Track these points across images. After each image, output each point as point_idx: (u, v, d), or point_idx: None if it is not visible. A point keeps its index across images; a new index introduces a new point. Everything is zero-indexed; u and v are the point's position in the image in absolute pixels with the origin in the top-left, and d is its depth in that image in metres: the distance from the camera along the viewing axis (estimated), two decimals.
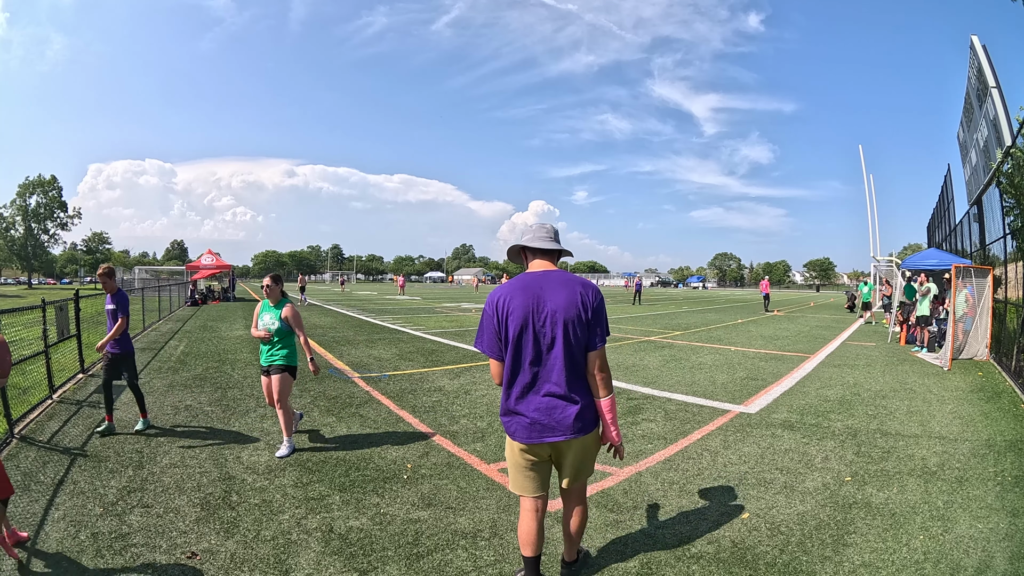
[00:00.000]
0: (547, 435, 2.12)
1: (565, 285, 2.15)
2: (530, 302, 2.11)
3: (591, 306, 2.13)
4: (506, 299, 2.14)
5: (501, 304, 2.15)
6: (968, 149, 15.73)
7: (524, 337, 2.11)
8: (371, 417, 5.08)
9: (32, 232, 56.45)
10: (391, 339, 11.15)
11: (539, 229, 2.28)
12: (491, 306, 2.18)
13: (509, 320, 2.12)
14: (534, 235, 2.28)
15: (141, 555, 2.58)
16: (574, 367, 2.12)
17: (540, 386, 2.12)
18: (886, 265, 19.84)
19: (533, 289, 2.14)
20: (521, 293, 2.14)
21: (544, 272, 2.21)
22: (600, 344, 2.15)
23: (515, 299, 2.13)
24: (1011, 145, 9.16)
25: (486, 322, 2.20)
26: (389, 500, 3.24)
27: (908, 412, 5.52)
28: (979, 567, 2.55)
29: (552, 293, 2.12)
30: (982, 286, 8.88)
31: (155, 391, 6.02)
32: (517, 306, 2.12)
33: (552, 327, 2.09)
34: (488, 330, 2.19)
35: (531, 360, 2.12)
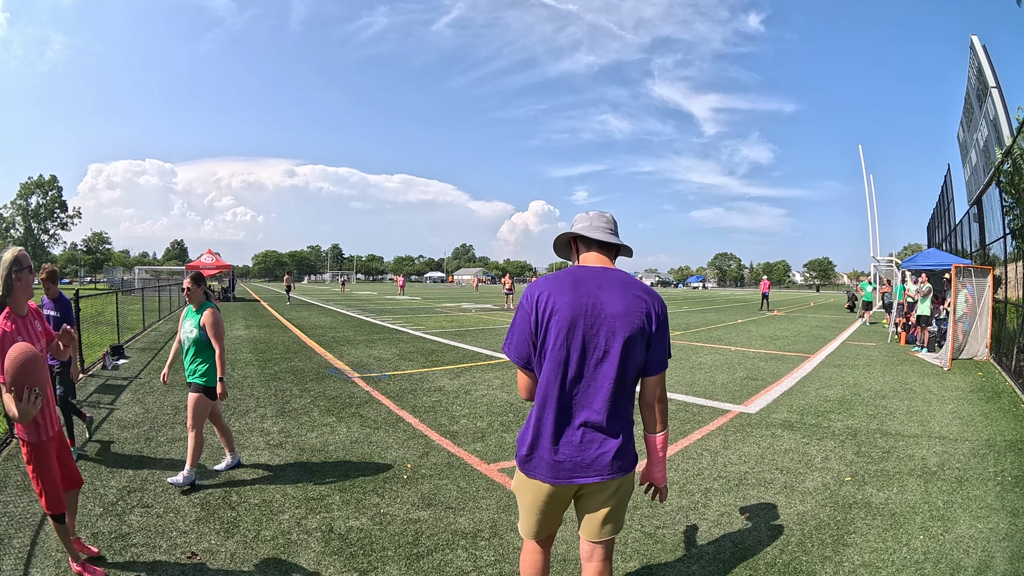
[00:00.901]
0: (578, 475, 1.67)
1: (626, 288, 1.70)
2: (583, 303, 1.66)
3: (656, 319, 1.70)
4: (550, 295, 1.68)
5: (543, 301, 1.68)
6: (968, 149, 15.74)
7: (570, 346, 1.65)
8: (371, 417, 5.08)
9: (32, 232, 56.49)
10: (391, 339, 11.16)
11: (598, 218, 1.83)
12: (529, 302, 1.72)
13: (552, 322, 1.66)
14: (591, 223, 1.82)
15: (141, 555, 2.58)
16: (622, 391, 1.68)
17: (578, 411, 1.68)
18: (886, 265, 19.84)
19: (588, 287, 1.68)
20: (572, 290, 1.67)
21: (603, 269, 1.75)
22: (662, 368, 1.74)
23: (563, 296, 1.66)
24: (1011, 145, 9.16)
25: (519, 321, 1.74)
26: (389, 500, 3.25)
27: (908, 412, 5.52)
28: (979, 567, 2.55)
29: (611, 296, 1.67)
30: (982, 286, 8.88)
31: (155, 391, 6.02)
32: (565, 305, 1.65)
33: (608, 338, 1.64)
34: (520, 331, 1.73)
35: (573, 376, 1.66)
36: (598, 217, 1.85)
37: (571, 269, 1.77)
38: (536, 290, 1.72)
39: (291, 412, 5.21)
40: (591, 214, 1.86)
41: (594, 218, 1.84)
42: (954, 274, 8.93)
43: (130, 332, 10.65)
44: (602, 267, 1.76)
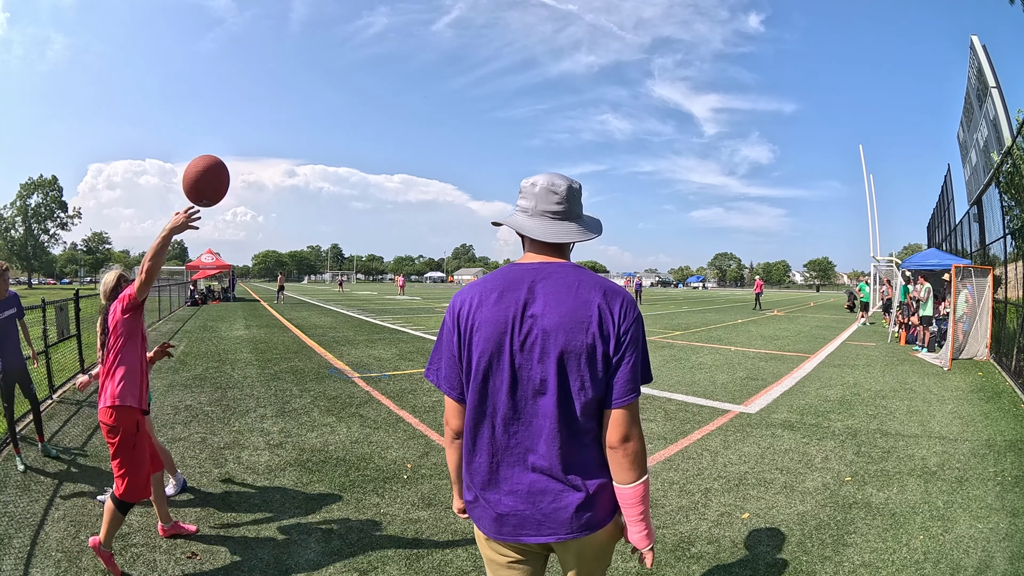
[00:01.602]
0: (528, 533, 1.25)
1: (573, 290, 1.23)
2: (509, 315, 1.23)
3: (617, 329, 1.21)
4: (472, 306, 1.28)
5: (466, 314, 1.28)
6: (968, 149, 15.73)
7: (494, 370, 1.24)
8: (371, 417, 5.08)
9: (32, 232, 56.51)
10: (391, 339, 11.15)
11: (545, 196, 1.30)
12: (451, 315, 1.32)
13: (474, 342, 1.26)
14: (535, 205, 1.31)
15: (142, 555, 2.58)
16: (574, 430, 1.23)
17: (519, 454, 1.25)
18: (886, 265, 19.86)
19: (518, 293, 1.25)
20: (498, 298, 1.26)
21: (541, 266, 1.29)
22: (629, 397, 1.22)
23: (486, 306, 1.26)
24: (1011, 145, 9.16)
25: (444, 339, 1.34)
26: (389, 500, 3.24)
27: (908, 412, 5.52)
28: (979, 567, 2.55)
29: (548, 302, 1.23)
30: (982, 286, 8.88)
31: (155, 391, 6.02)
32: (487, 320, 1.24)
33: (541, 359, 1.21)
34: (445, 351, 1.33)
35: (506, 411, 1.24)
36: (545, 194, 1.30)
37: (504, 269, 1.33)
38: (459, 299, 1.32)
39: (291, 412, 5.21)
40: (537, 186, 1.31)
41: (540, 196, 1.31)
42: (954, 274, 8.93)
43: None
44: (540, 263, 1.30)
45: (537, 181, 1.32)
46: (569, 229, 1.31)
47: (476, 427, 1.29)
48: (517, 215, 1.36)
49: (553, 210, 1.30)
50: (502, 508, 1.26)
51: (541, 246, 1.33)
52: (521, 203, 1.35)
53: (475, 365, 1.27)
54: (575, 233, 1.31)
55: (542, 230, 1.30)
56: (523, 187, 1.35)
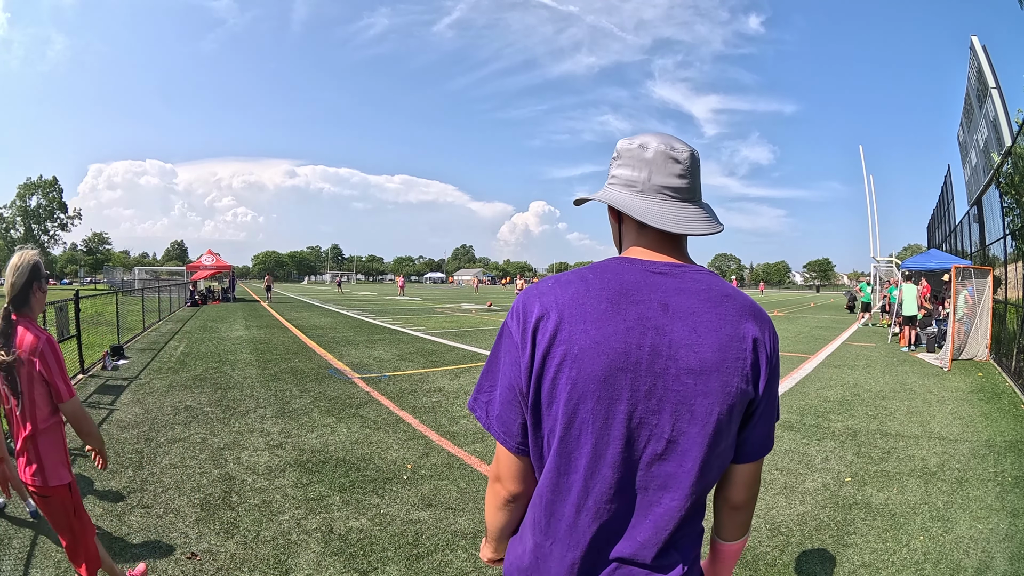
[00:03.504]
0: None
1: (722, 311, 0.85)
2: (632, 339, 0.81)
3: (769, 366, 0.86)
4: (564, 316, 0.83)
5: (551, 327, 0.83)
6: (968, 149, 15.74)
7: (595, 423, 0.82)
8: (371, 418, 5.08)
9: (32, 233, 56.48)
10: (391, 340, 11.16)
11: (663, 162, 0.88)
12: (520, 326, 0.87)
13: (562, 376, 0.82)
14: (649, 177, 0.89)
15: (141, 555, 2.57)
16: (694, 506, 0.89)
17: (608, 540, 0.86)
18: (886, 265, 19.87)
19: (644, 306, 0.84)
20: (610, 313, 0.83)
21: (673, 268, 0.88)
22: (769, 445, 0.94)
23: (589, 321, 0.82)
24: (1011, 146, 9.17)
25: (502, 360, 0.90)
26: (389, 501, 3.24)
27: (908, 413, 5.52)
28: (979, 568, 2.55)
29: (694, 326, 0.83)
30: (982, 287, 8.88)
31: (155, 391, 6.02)
32: (594, 343, 0.81)
33: (677, 411, 0.82)
34: (503, 380, 0.89)
35: (607, 485, 0.83)
36: (664, 162, 0.88)
37: (612, 267, 0.88)
38: (537, 304, 0.86)
39: (291, 412, 5.21)
40: (650, 150, 0.89)
41: (656, 163, 0.88)
42: (954, 275, 8.93)
43: (130, 333, 10.65)
44: (670, 265, 0.88)
45: (648, 143, 0.89)
46: (697, 216, 0.89)
47: (553, 498, 0.86)
48: (620, 191, 0.91)
49: (675, 185, 0.88)
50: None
51: (660, 239, 0.90)
52: (623, 173, 0.91)
53: (562, 410, 0.81)
54: (704, 222, 0.89)
55: (666, 216, 0.87)
56: (624, 151, 0.92)
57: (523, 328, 0.86)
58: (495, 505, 0.96)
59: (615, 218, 0.97)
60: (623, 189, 0.91)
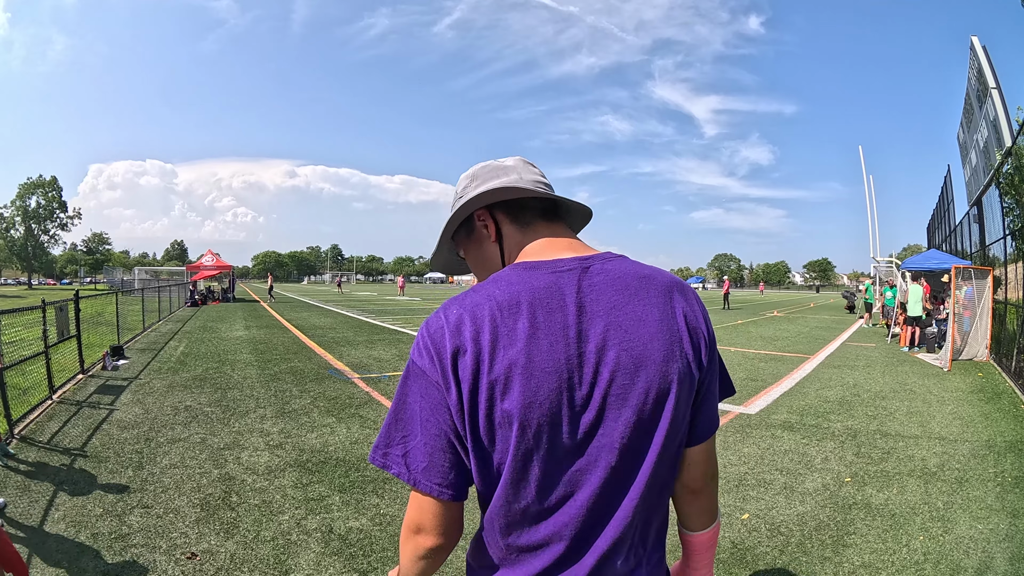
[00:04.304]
0: None
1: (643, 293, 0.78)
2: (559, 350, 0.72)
3: (708, 343, 0.81)
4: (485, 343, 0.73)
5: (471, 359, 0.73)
6: (968, 150, 15.74)
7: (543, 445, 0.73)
8: (371, 418, 5.08)
9: (32, 232, 56.49)
10: (391, 340, 11.15)
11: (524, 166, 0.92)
12: (437, 364, 0.74)
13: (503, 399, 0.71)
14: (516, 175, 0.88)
15: (141, 555, 2.57)
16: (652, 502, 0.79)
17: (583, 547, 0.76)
18: (886, 265, 19.86)
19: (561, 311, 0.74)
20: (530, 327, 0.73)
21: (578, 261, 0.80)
22: (717, 421, 0.88)
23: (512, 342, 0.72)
24: (1011, 146, 9.17)
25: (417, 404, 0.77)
26: (389, 501, 3.24)
27: (908, 413, 5.52)
28: (979, 568, 2.55)
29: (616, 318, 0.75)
30: (982, 287, 8.88)
31: (155, 391, 6.02)
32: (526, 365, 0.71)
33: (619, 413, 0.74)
34: (424, 426, 0.76)
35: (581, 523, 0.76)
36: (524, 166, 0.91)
37: (514, 275, 0.78)
38: (446, 337, 0.75)
39: (291, 413, 5.21)
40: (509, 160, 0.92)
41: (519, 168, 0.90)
42: (954, 275, 8.93)
43: (130, 333, 10.65)
44: (576, 259, 0.80)
45: (502, 160, 0.92)
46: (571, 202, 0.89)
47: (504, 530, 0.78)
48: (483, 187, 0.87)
49: (545, 181, 0.90)
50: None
51: (546, 230, 0.85)
52: (491, 185, 0.86)
53: (500, 435, 0.74)
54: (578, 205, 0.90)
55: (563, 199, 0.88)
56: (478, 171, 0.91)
57: (440, 366, 0.74)
58: (415, 556, 0.81)
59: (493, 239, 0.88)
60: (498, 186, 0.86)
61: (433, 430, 0.76)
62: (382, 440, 0.80)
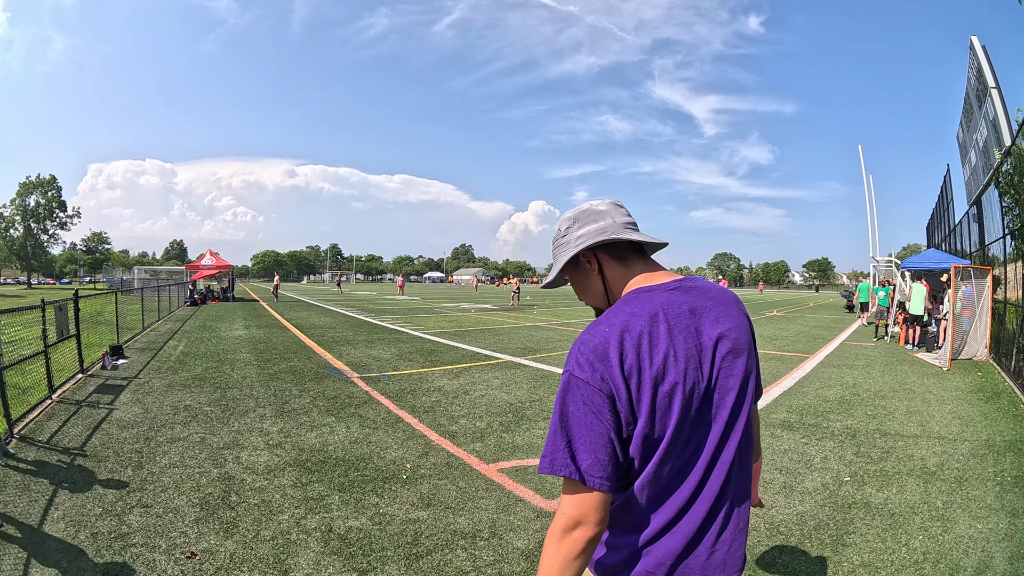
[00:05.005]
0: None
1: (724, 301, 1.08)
2: (695, 347, 1.00)
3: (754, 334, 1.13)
4: (646, 350, 0.97)
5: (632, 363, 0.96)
6: (968, 149, 15.74)
7: (696, 415, 0.99)
8: (370, 417, 5.08)
9: (31, 232, 56.43)
10: (390, 339, 11.15)
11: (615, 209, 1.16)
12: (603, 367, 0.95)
13: (659, 394, 0.96)
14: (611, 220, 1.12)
15: (141, 555, 2.57)
16: (750, 437, 1.07)
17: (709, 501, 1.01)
18: (885, 265, 19.87)
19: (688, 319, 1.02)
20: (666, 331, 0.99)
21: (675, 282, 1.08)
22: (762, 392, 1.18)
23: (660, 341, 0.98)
24: (1010, 146, 9.17)
25: (588, 409, 0.95)
26: (388, 500, 3.24)
27: (907, 412, 5.52)
28: (978, 567, 2.56)
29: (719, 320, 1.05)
30: (981, 286, 8.88)
31: (154, 391, 6.02)
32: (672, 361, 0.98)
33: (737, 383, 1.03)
34: (592, 430, 0.94)
35: (712, 454, 1.01)
36: (616, 209, 1.15)
37: (639, 299, 1.03)
38: (610, 349, 0.95)
39: (290, 412, 5.21)
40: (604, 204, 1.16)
41: (613, 211, 1.14)
42: (953, 274, 8.93)
43: (129, 332, 10.64)
44: (674, 281, 1.08)
45: (594, 203, 1.17)
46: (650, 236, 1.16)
47: (654, 485, 0.99)
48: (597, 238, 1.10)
49: (631, 221, 1.15)
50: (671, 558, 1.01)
51: (644, 267, 1.13)
52: (591, 227, 1.12)
53: (657, 426, 0.95)
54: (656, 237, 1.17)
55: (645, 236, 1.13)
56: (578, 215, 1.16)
57: (607, 373, 0.95)
58: (573, 554, 0.92)
59: (595, 270, 1.14)
60: (597, 235, 1.10)
61: (596, 431, 0.94)
62: (548, 449, 0.97)
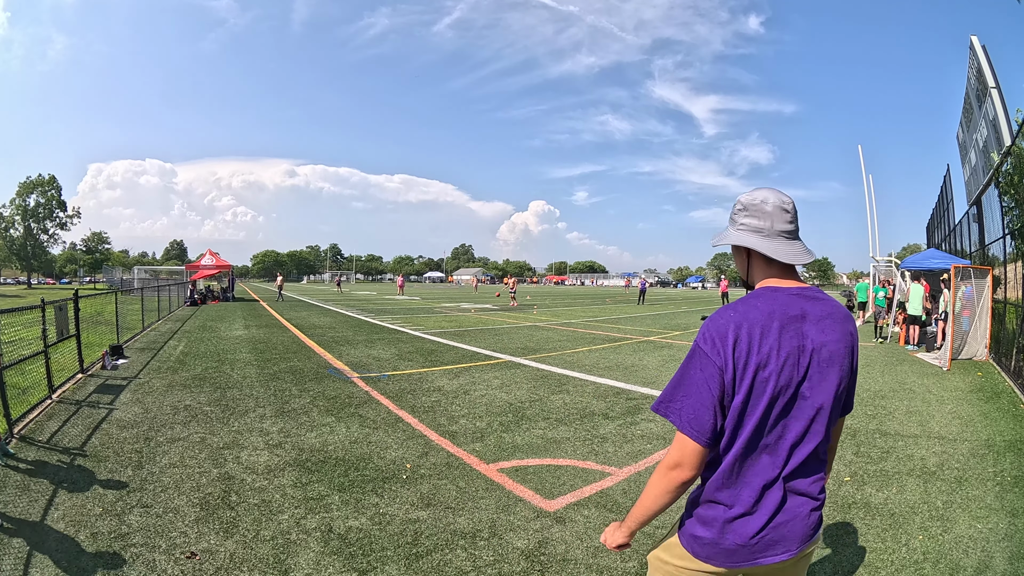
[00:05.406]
0: (767, 553, 1.23)
1: (831, 314, 1.26)
2: (795, 343, 1.20)
3: (857, 352, 1.30)
4: (754, 336, 1.18)
5: (744, 346, 1.18)
6: (967, 149, 15.73)
7: (780, 401, 1.20)
8: (370, 417, 5.08)
9: (31, 232, 56.40)
10: (390, 339, 11.15)
11: (779, 213, 1.28)
12: (718, 349, 1.20)
13: (759, 377, 1.18)
14: (772, 225, 1.28)
15: (141, 555, 2.57)
16: (826, 438, 1.27)
17: (785, 481, 1.24)
18: (885, 265, 19.86)
19: (794, 322, 1.22)
20: (780, 327, 1.20)
21: (800, 290, 1.27)
22: (851, 409, 1.39)
23: (769, 336, 1.19)
24: (1010, 146, 9.17)
25: (697, 375, 1.21)
26: (388, 500, 3.24)
27: (907, 412, 5.52)
28: (978, 567, 2.56)
29: (821, 329, 1.23)
30: (981, 286, 8.88)
31: (154, 391, 6.02)
32: (776, 349, 1.18)
33: (827, 389, 1.22)
34: (698, 390, 1.20)
35: (792, 442, 1.22)
36: (779, 214, 1.27)
37: (765, 295, 1.25)
38: (730, 331, 1.19)
39: (290, 412, 5.21)
40: (769, 204, 1.27)
41: (774, 215, 1.27)
42: (953, 274, 8.93)
43: (129, 332, 10.64)
44: (798, 288, 1.27)
45: (767, 199, 1.28)
46: (802, 249, 1.29)
47: (743, 459, 1.22)
48: (749, 235, 1.29)
49: (788, 230, 1.28)
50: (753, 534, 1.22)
51: (783, 269, 1.30)
52: (751, 222, 1.29)
53: (750, 403, 1.19)
54: (806, 254, 1.29)
55: (788, 252, 1.27)
56: (749, 205, 1.30)
57: (722, 350, 1.19)
58: (666, 489, 1.23)
59: (744, 254, 1.35)
60: (752, 234, 1.29)
61: (704, 394, 1.19)
62: (665, 396, 1.25)
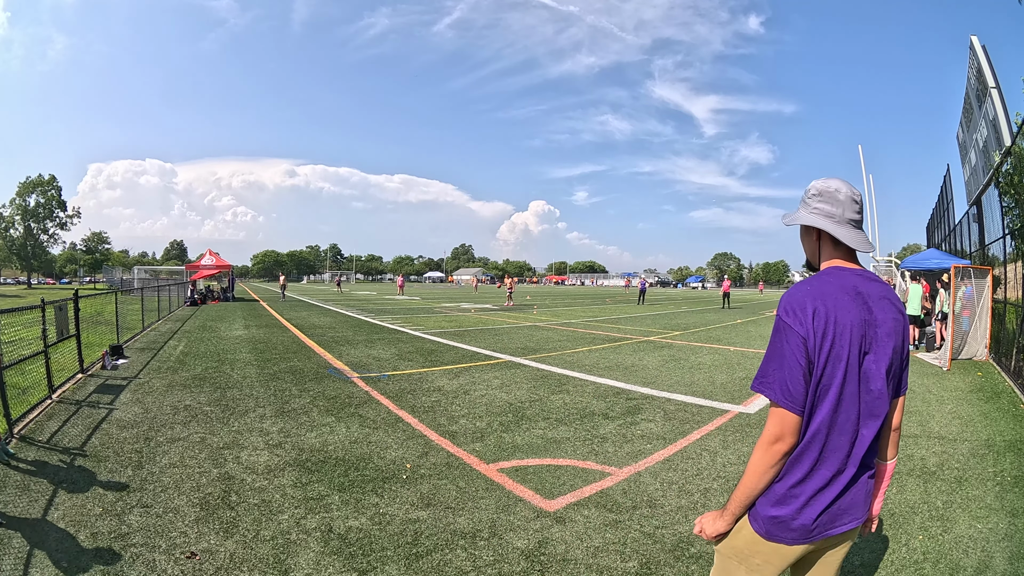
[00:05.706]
0: (837, 523, 1.33)
1: (889, 295, 1.37)
2: (861, 318, 1.30)
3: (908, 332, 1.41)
4: (827, 309, 1.29)
5: (822, 320, 1.28)
6: (967, 149, 15.74)
7: (850, 375, 1.29)
8: (370, 417, 5.08)
9: (31, 232, 56.40)
10: (390, 339, 11.15)
11: (850, 203, 1.39)
12: (800, 320, 1.30)
13: (835, 346, 1.28)
14: (843, 213, 1.39)
15: (141, 555, 2.57)
16: (885, 425, 1.40)
17: (852, 457, 1.32)
18: (885, 265, 19.86)
19: (861, 298, 1.33)
20: (849, 303, 1.31)
21: (863, 272, 1.39)
22: (906, 388, 1.45)
23: (841, 311, 1.29)
24: (1010, 146, 9.17)
25: (790, 349, 1.30)
26: (388, 500, 3.24)
27: (907, 412, 5.52)
28: (978, 567, 2.56)
29: (882, 308, 1.34)
30: (981, 286, 8.88)
31: (154, 391, 6.02)
32: (847, 325, 1.29)
33: (879, 360, 1.31)
34: (790, 362, 1.29)
35: (857, 416, 1.30)
36: (850, 204, 1.39)
37: (835, 275, 1.36)
38: (807, 303, 1.30)
39: (290, 412, 5.21)
40: (842, 194, 1.39)
41: (846, 204, 1.38)
42: (953, 274, 8.93)
43: (129, 332, 10.64)
44: (860, 270, 1.39)
45: (840, 188, 1.39)
46: (866, 238, 1.41)
47: (824, 435, 1.29)
48: (822, 219, 1.40)
49: (856, 219, 1.40)
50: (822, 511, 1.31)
51: (845, 251, 1.41)
52: (824, 207, 1.40)
53: (827, 371, 1.27)
54: (868, 243, 1.41)
55: (855, 239, 1.38)
56: (824, 191, 1.41)
57: (804, 322, 1.29)
58: (769, 463, 1.30)
59: (814, 236, 1.45)
60: (825, 218, 1.40)
61: (794, 364, 1.28)
62: (761, 373, 1.35)
